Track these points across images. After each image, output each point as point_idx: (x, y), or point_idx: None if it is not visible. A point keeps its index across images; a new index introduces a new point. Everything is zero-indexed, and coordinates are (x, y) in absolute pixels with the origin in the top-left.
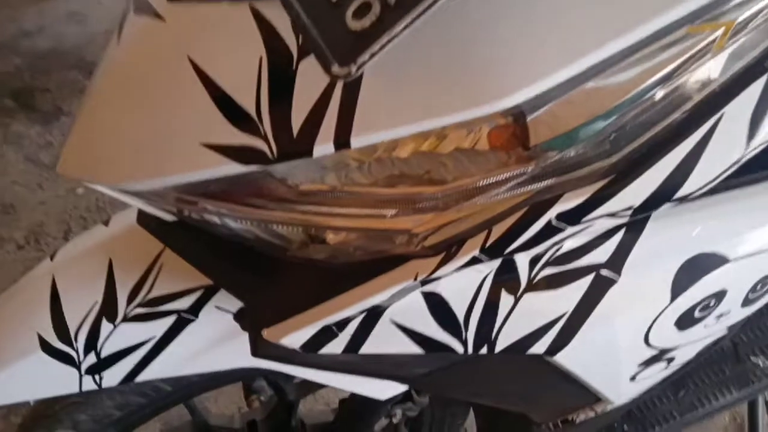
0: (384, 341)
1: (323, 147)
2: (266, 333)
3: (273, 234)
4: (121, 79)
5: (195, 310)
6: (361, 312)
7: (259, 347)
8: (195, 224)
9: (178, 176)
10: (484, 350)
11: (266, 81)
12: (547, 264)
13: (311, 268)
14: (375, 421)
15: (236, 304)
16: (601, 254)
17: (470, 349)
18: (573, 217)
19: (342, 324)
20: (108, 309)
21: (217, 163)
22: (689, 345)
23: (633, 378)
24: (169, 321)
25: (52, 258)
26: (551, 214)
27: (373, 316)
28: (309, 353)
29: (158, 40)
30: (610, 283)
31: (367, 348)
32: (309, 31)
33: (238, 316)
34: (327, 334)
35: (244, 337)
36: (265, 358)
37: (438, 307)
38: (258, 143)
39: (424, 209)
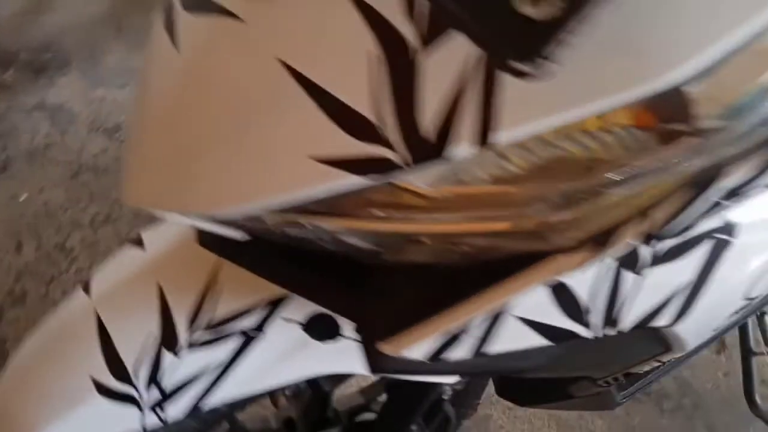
0: (509, 338)
1: (462, 147)
2: (385, 347)
3: (375, 242)
4: (193, 91)
5: (261, 325)
6: None
7: (377, 362)
8: (274, 240)
9: (285, 196)
10: (609, 331)
11: (384, 80)
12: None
13: (420, 272)
14: (425, 403)
15: (303, 313)
16: (717, 218)
17: (596, 332)
18: (735, 191)
19: (465, 327)
20: (167, 338)
21: (334, 178)
22: None
23: (716, 329)
24: (234, 341)
25: (86, 290)
26: (715, 192)
27: (496, 314)
28: (432, 361)
29: (238, 43)
30: (727, 244)
31: (493, 347)
32: (465, 21)
33: (309, 327)
34: (450, 339)
35: (314, 346)
36: (383, 372)
37: (562, 295)
38: (382, 151)
39: (574, 201)
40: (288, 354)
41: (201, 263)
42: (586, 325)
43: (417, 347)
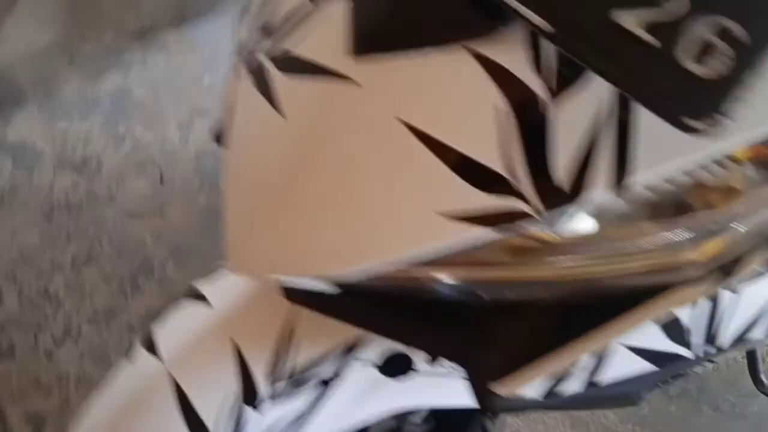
0: (617, 367)
1: (597, 193)
2: (500, 388)
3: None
4: (308, 155)
5: (339, 369)
6: None
7: (487, 401)
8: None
9: (412, 253)
10: (710, 349)
11: (514, 134)
12: None
13: (524, 310)
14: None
15: (377, 353)
16: None
17: (698, 352)
18: None
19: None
20: (248, 394)
21: (463, 232)
22: None
23: None
24: (313, 388)
25: (151, 350)
26: None
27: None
28: (545, 398)
29: (353, 105)
30: None
31: (603, 377)
32: (624, 80)
33: (382, 366)
34: (563, 374)
35: (387, 383)
36: (494, 410)
37: (667, 320)
38: (513, 202)
39: (709, 234)
40: (364, 395)
41: (273, 313)
42: (688, 346)
43: (533, 385)
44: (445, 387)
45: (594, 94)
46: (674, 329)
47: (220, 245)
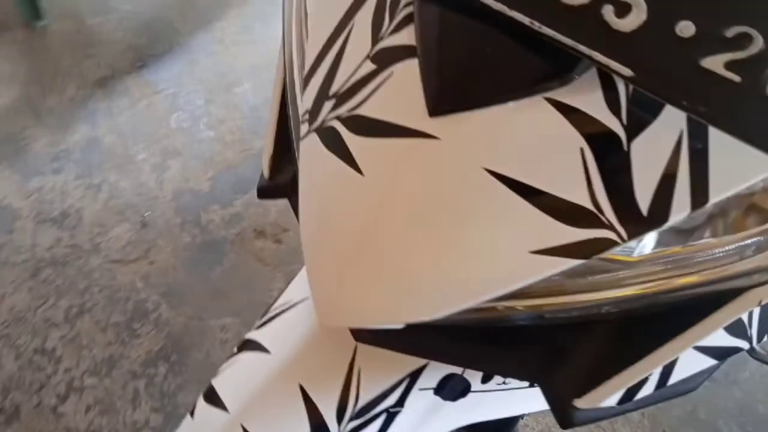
0: (685, 367)
1: (679, 215)
2: (581, 403)
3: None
4: (393, 209)
5: (402, 400)
6: None
7: (566, 417)
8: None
9: (504, 290)
10: (763, 337)
11: (596, 171)
12: None
13: (594, 324)
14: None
15: (435, 379)
16: None
17: (754, 343)
18: None
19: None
20: None
21: (555, 266)
22: None
23: None
24: (379, 421)
25: (214, 403)
26: None
27: None
28: (622, 404)
29: (436, 159)
30: None
31: (672, 378)
32: (713, 116)
33: (440, 389)
34: (641, 382)
35: (446, 406)
36: (575, 425)
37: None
38: (602, 233)
39: None
40: (424, 419)
41: (339, 354)
42: (748, 339)
43: (613, 397)
44: (499, 400)
45: (668, 126)
46: (736, 325)
47: (212, 280)
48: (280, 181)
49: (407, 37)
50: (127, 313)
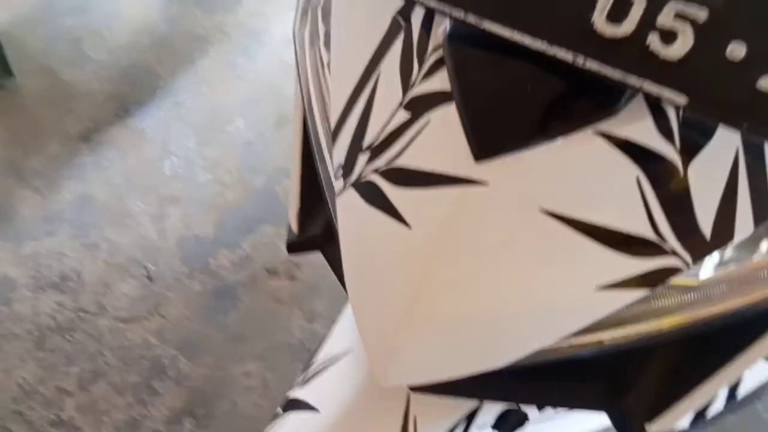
0: (754, 378)
1: (743, 233)
2: (654, 428)
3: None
4: (442, 257)
5: None
6: None
7: None
8: None
9: (572, 329)
10: None
11: (654, 199)
12: None
13: (655, 348)
14: None
15: (492, 416)
16: None
17: None
18: None
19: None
20: None
21: (623, 299)
22: None
23: None
24: None
25: None
26: None
27: None
28: (696, 424)
29: (483, 204)
30: None
31: (743, 391)
32: None
33: (498, 425)
34: (710, 401)
35: None
36: None
37: None
38: (666, 261)
39: None
40: None
41: (389, 406)
42: None
43: (685, 419)
44: (556, 426)
45: (723, 146)
46: None
47: (228, 326)
48: (311, 234)
49: (440, 82)
50: (143, 372)
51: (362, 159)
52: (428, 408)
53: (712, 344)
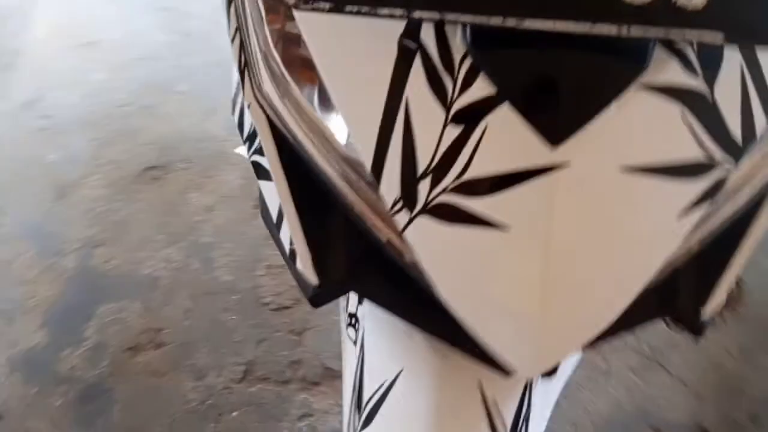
0: None
1: (761, 129)
2: (707, 311)
3: None
4: (560, 242)
5: (530, 400)
6: None
7: (702, 326)
8: None
9: (663, 258)
10: None
11: (698, 126)
12: None
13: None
14: None
15: None
16: None
17: None
18: None
19: None
20: None
21: (695, 217)
22: None
23: None
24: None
25: None
26: None
27: None
28: None
29: (573, 184)
30: None
31: None
32: None
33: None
34: None
35: (550, 382)
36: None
37: None
38: (719, 173)
39: None
40: (544, 402)
41: (467, 400)
42: None
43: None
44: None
45: (731, 65)
46: None
47: (115, 427)
48: (336, 278)
49: (482, 88)
50: None
51: (424, 185)
52: (499, 382)
53: (729, 230)
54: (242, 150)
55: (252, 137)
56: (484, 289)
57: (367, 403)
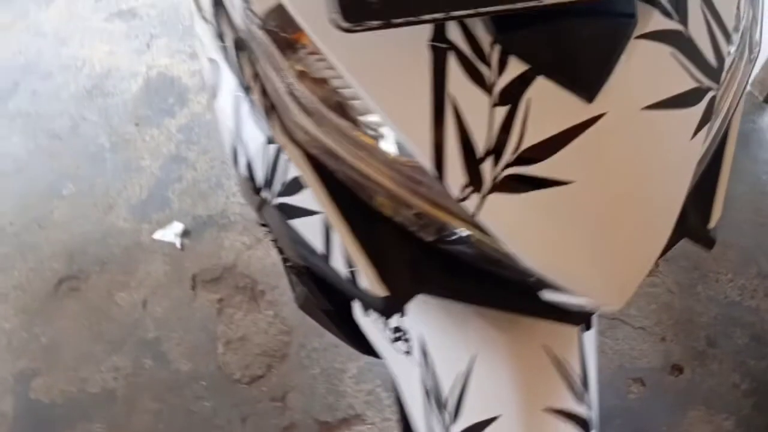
0: None
1: (725, 48)
2: (712, 224)
3: None
4: (624, 181)
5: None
6: None
7: (713, 238)
8: None
9: (690, 175)
10: None
11: (686, 60)
12: None
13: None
14: None
15: None
16: None
17: None
18: None
19: None
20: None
21: (702, 138)
22: None
23: None
24: None
25: None
26: None
27: None
28: None
29: (618, 126)
30: None
31: None
32: None
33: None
34: None
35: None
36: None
37: None
38: (710, 94)
39: None
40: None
41: (541, 359)
42: None
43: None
44: None
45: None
46: None
47: None
48: (401, 286)
49: (516, 68)
50: None
51: (487, 166)
52: (560, 342)
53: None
54: (161, 234)
55: (270, 182)
56: (563, 240)
57: (449, 396)
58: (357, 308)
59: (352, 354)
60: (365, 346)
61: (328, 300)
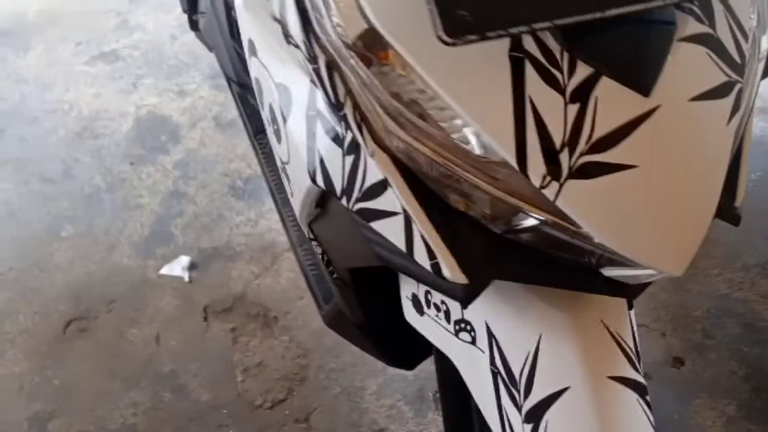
0: None
1: (763, 45)
2: (738, 202)
3: None
4: (684, 163)
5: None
6: None
7: (739, 216)
8: None
9: (729, 157)
10: None
11: (716, 56)
12: None
13: None
14: None
15: None
16: None
17: None
18: None
19: None
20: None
21: (735, 125)
22: None
23: None
24: None
25: None
26: None
27: None
28: None
29: (672, 116)
30: None
31: None
32: None
33: None
34: None
35: None
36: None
37: None
38: (738, 86)
39: None
40: None
41: (600, 334)
42: None
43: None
44: None
45: None
46: None
47: None
48: (481, 275)
49: (583, 71)
50: None
51: (564, 156)
52: (613, 316)
53: None
54: (168, 269)
55: (349, 189)
56: (631, 216)
57: (520, 375)
58: (409, 310)
59: (371, 371)
60: (395, 357)
61: (363, 313)
